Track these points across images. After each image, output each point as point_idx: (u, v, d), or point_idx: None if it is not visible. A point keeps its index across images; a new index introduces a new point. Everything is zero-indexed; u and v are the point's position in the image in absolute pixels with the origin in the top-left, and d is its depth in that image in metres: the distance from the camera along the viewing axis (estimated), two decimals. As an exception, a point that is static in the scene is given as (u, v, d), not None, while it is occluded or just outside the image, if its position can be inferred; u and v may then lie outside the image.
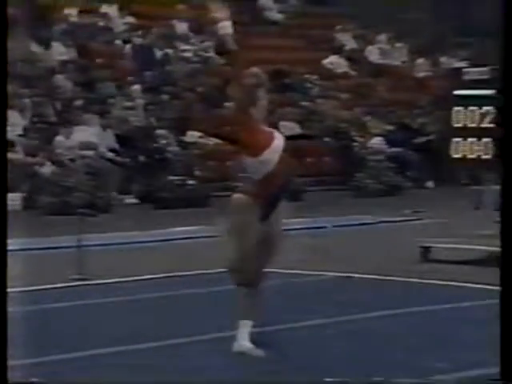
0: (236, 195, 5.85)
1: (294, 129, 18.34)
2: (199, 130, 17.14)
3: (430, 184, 17.98)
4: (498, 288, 8.27)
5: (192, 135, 17.03)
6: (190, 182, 15.81)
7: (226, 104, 18.52)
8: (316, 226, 12.68)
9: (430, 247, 9.77)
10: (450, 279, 8.51)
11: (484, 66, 9.76)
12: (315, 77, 19.86)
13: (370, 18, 21.64)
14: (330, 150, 18.40)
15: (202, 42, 19.61)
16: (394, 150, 18.49)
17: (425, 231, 10.90)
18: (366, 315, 7.03)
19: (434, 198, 15.35)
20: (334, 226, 12.73)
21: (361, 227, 12.83)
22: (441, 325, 6.80)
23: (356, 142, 18.52)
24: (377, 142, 18.53)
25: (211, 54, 19.48)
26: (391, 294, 8.09)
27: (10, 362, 4.55)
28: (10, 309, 4.59)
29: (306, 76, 19.81)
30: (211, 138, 17.29)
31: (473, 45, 19.64)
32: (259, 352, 5.70)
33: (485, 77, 9.62)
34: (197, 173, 16.12)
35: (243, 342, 5.73)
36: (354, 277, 8.75)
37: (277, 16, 21.99)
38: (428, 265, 9.43)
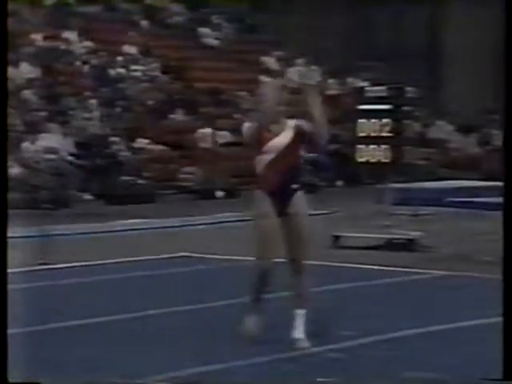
0: (255, 191, 5.50)
1: (228, 137, 18.41)
2: (147, 138, 17.12)
3: (339, 183, 18.18)
4: (395, 268, 8.42)
5: (141, 142, 16.99)
6: (139, 181, 15.77)
7: (171, 116, 18.51)
8: (247, 219, 12.72)
9: (339, 236, 9.88)
10: (356, 262, 8.62)
11: (382, 85, 9.93)
12: (246, 94, 19.94)
13: (290, 45, 21.80)
14: (257, 155, 18.44)
15: (150, 63, 19.57)
16: (310, 155, 18.62)
17: (336, 222, 11.00)
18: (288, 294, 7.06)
19: (343, 195, 15.50)
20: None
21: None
22: (349, 300, 6.87)
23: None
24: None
25: (157, 73, 19.48)
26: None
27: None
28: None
29: (238, 93, 19.88)
30: (157, 145, 17.26)
31: (373, 67, 19.90)
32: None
33: (383, 94, 9.79)
34: (145, 174, 16.10)
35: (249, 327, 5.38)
36: (279, 262, 8.77)
37: (214, 42, 22.00)
38: (338, 251, 9.53)
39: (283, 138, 5.42)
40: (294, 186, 5.35)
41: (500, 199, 12.88)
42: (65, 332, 5.74)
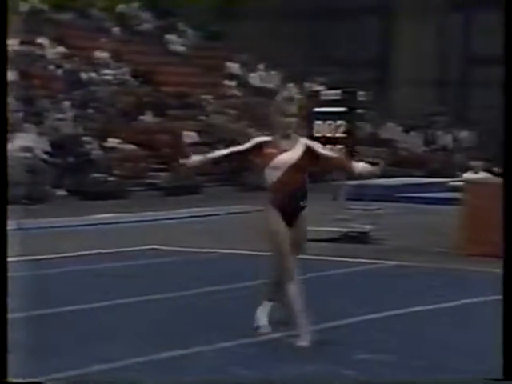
0: (267, 205, 5.16)
1: (194, 138, 18.33)
2: (118, 138, 16.98)
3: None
4: (351, 259, 8.43)
5: (112, 141, 16.84)
6: (111, 178, 15.63)
7: (140, 117, 18.36)
8: (211, 214, 12.70)
9: (298, 229, 9.84)
10: (315, 254, 8.61)
11: (337, 89, 9.94)
12: (210, 97, 19.87)
13: (252, 52, 21.79)
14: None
15: (120, 68, 19.41)
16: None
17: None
18: (252, 283, 7.04)
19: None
20: (228, 214, 12.77)
21: (247, 215, 12.88)
22: (309, 289, 6.84)
23: (242, 148, 18.56)
24: (258, 148, 18.60)
25: (128, 77, 19.33)
26: (267, 266, 8.11)
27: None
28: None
29: (203, 96, 19.80)
30: (128, 144, 17.12)
31: (329, 73, 19.96)
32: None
33: (338, 98, 9.80)
34: (116, 172, 15.95)
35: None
36: (241, 254, 8.77)
37: (180, 48, 21.88)
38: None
39: (293, 155, 5.03)
40: (302, 203, 5.08)
41: (444, 194, 12.95)
42: (34, 321, 5.64)
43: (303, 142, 5.10)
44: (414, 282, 7.27)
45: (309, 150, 5.06)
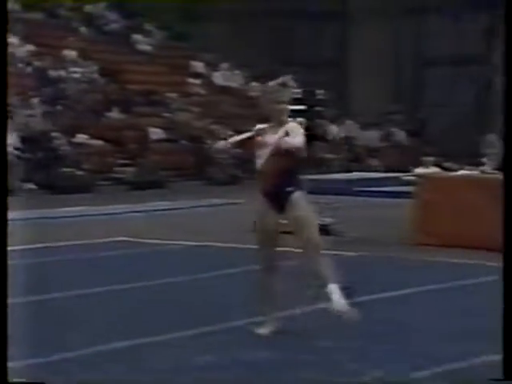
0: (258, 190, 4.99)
1: (159, 134, 18.29)
2: (86, 134, 16.87)
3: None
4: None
5: (80, 137, 16.73)
6: (79, 173, 15.55)
7: (107, 114, 18.24)
8: (176, 208, 12.69)
9: (260, 222, 9.89)
10: (278, 245, 8.63)
11: (298, 88, 10.00)
12: (175, 95, 19.83)
13: (216, 52, 21.77)
14: (187, 150, 18.42)
15: (88, 66, 19.26)
16: (233, 150, 18.58)
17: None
18: (216, 273, 7.06)
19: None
20: (193, 207, 12.78)
21: (211, 208, 12.90)
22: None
23: (206, 144, 18.59)
24: (222, 144, 18.59)
25: (95, 75, 19.19)
26: (231, 256, 8.16)
27: None
28: None
29: (168, 94, 19.75)
30: (95, 140, 17.02)
31: (290, 73, 20.06)
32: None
33: (299, 96, 9.87)
34: (84, 166, 15.87)
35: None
36: (206, 245, 8.78)
37: (146, 48, 21.78)
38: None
39: (273, 141, 4.84)
40: (288, 189, 4.82)
41: (398, 188, 13.06)
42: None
43: (285, 127, 4.88)
44: (371, 271, 7.36)
45: (287, 135, 4.84)
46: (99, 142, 17.06)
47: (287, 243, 5.14)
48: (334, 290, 4.79)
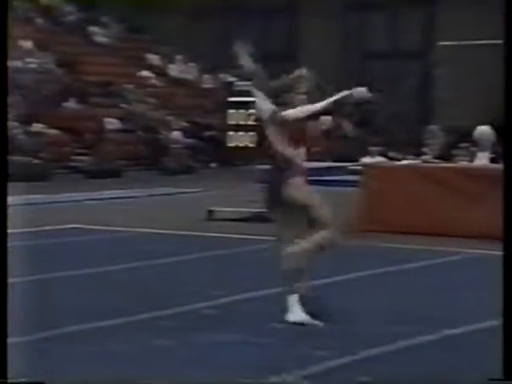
0: None
1: (116, 124, 18.10)
2: (43, 123, 16.61)
3: (213, 165, 18.19)
4: (260, 237, 8.51)
5: (37, 126, 16.47)
6: (35, 161, 15.30)
7: (64, 104, 17.97)
8: (131, 196, 12.58)
9: (213, 210, 9.88)
10: (227, 232, 8.65)
11: (249, 80, 9.96)
12: (131, 86, 19.63)
13: (171, 44, 21.62)
14: (142, 140, 18.26)
15: (45, 57, 18.94)
16: (188, 140, 18.57)
17: (211, 198, 11.01)
18: (172, 259, 7.02)
19: (216, 176, 15.54)
20: (149, 196, 12.69)
21: (166, 197, 12.81)
22: (222, 265, 6.88)
23: (162, 134, 18.47)
24: (176, 135, 18.56)
25: (52, 66, 18.89)
26: (184, 243, 8.12)
27: None
28: None
29: (125, 86, 19.54)
30: (52, 129, 16.77)
31: (242, 66, 20.06)
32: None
33: (249, 88, 9.82)
34: (41, 155, 15.62)
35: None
36: (160, 233, 8.71)
37: (103, 39, 21.49)
38: (212, 223, 9.53)
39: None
40: (282, 176, 4.72)
41: (345, 177, 13.04)
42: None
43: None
44: (316, 257, 7.37)
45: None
46: (56, 132, 16.81)
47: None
48: (294, 302, 4.72)
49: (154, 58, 21.58)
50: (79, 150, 16.94)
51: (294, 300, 4.72)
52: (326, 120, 4.96)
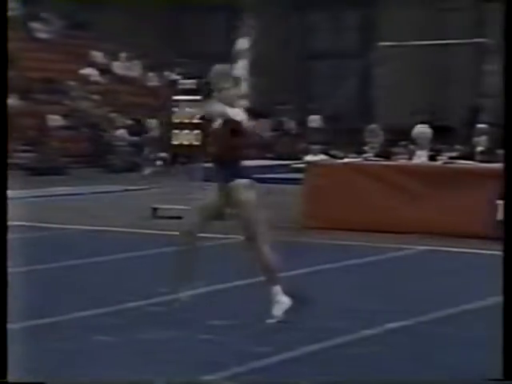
0: None
1: (59, 121, 17.82)
2: None
3: (158, 163, 18.06)
4: (208, 234, 8.49)
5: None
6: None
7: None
8: (76, 193, 12.41)
9: (157, 208, 9.82)
10: (171, 230, 8.57)
11: (193, 78, 9.94)
12: (74, 83, 19.36)
13: (115, 41, 21.39)
14: (86, 137, 18.03)
15: None
16: (133, 138, 18.41)
17: (156, 196, 10.93)
18: (116, 256, 6.94)
19: (162, 174, 15.44)
20: (93, 193, 12.52)
21: (110, 194, 12.67)
22: (168, 262, 6.81)
23: (106, 132, 18.26)
24: (121, 132, 18.39)
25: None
26: (128, 241, 8.04)
27: None
28: None
29: (68, 82, 19.26)
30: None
31: (186, 63, 19.99)
32: None
33: (194, 87, 9.82)
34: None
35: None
36: (104, 230, 8.61)
37: (45, 36, 21.14)
38: (156, 220, 9.47)
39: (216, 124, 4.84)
40: (229, 175, 4.82)
41: (289, 175, 13.08)
42: None
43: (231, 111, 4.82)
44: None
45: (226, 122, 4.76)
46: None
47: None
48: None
49: (97, 55, 21.31)
50: (22, 147, 16.62)
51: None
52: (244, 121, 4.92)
